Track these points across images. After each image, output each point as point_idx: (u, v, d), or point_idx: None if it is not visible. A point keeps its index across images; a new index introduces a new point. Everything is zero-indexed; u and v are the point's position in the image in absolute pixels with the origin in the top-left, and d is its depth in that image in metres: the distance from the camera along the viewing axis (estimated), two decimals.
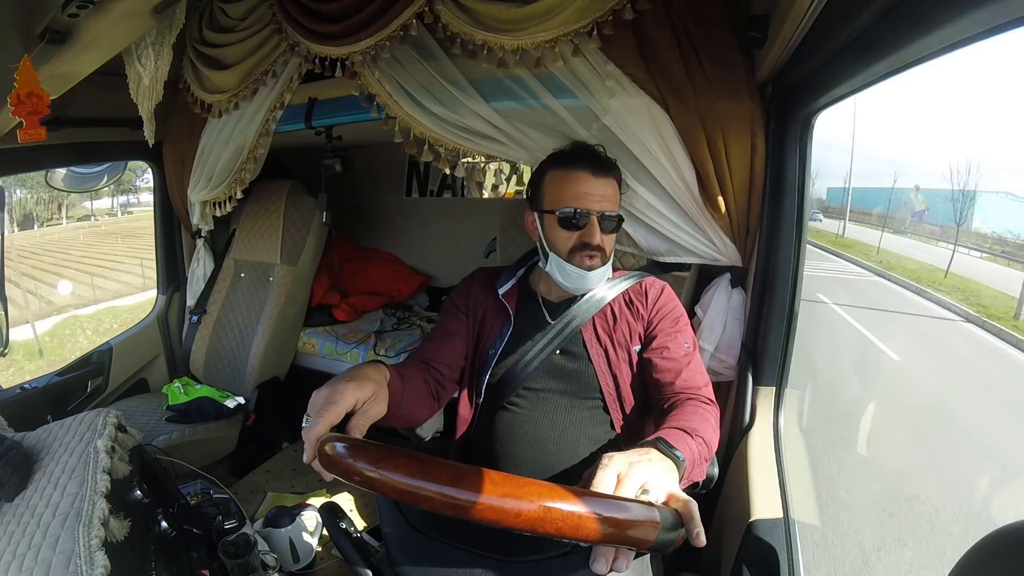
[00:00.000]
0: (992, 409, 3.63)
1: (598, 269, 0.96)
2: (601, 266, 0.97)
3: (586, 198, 0.94)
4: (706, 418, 0.83)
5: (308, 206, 2.05)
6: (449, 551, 0.75)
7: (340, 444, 0.56)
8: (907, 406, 3.75)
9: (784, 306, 1.10)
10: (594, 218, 0.94)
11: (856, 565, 2.17)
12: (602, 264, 0.97)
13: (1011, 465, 2.94)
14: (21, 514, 0.81)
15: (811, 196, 1.11)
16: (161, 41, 1.32)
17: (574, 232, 0.95)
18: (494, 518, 0.49)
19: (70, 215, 18.23)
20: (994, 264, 7.14)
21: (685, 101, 1.09)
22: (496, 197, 2.72)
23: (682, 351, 0.95)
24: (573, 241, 0.95)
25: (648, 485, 0.55)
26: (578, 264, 0.96)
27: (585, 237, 0.94)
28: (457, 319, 1.06)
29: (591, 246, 0.94)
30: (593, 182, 0.95)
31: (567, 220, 0.95)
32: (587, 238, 0.94)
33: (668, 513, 0.51)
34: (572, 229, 0.95)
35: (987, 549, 0.39)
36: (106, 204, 19.36)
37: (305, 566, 1.41)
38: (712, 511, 1.11)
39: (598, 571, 0.53)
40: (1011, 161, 28.32)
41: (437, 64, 1.23)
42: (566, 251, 0.96)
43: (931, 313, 5.91)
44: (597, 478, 0.56)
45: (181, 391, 1.91)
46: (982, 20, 0.48)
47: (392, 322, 2.36)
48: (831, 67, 0.82)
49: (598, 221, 0.94)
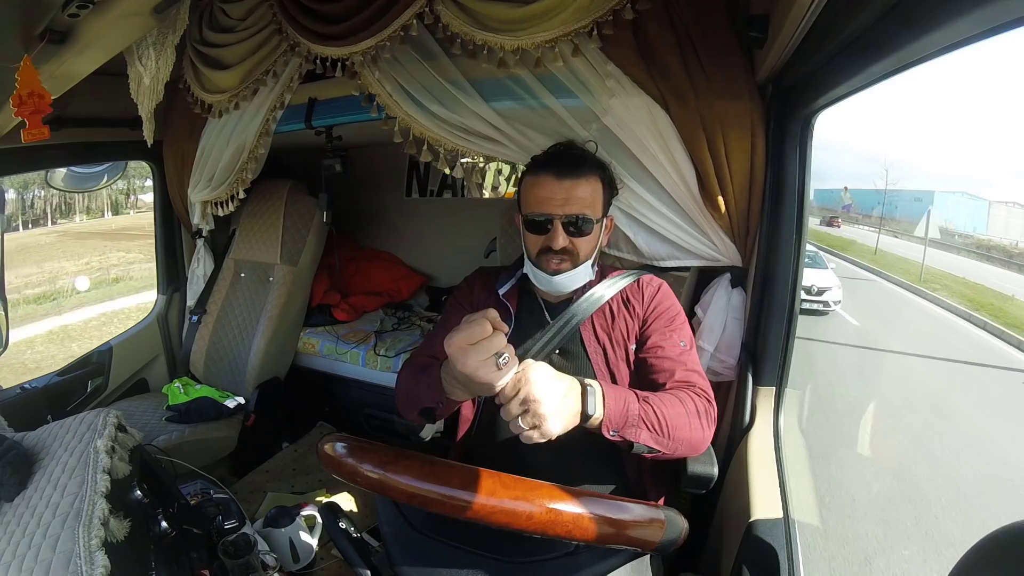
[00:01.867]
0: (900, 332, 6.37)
1: (565, 273, 0.97)
2: (572, 269, 0.97)
3: (548, 202, 0.95)
4: (683, 401, 0.84)
5: (308, 206, 2.05)
6: (449, 551, 0.75)
7: (342, 445, 0.55)
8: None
9: (784, 306, 1.10)
10: (557, 222, 0.95)
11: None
12: (573, 267, 0.97)
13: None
14: (21, 514, 0.81)
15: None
16: (163, 41, 1.32)
17: (540, 236, 0.97)
18: (505, 521, 0.49)
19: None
20: (908, 242, 9.49)
21: (685, 101, 1.09)
22: (496, 197, 2.72)
23: (677, 350, 0.95)
24: (540, 244, 0.97)
25: (529, 391, 0.61)
26: (544, 267, 0.97)
27: (548, 241, 0.96)
28: (462, 316, 1.06)
29: (554, 250, 0.96)
30: (556, 186, 0.95)
31: (532, 224, 0.97)
32: (549, 242, 0.96)
33: (672, 514, 0.51)
34: (538, 233, 0.97)
35: (987, 549, 0.39)
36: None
37: (305, 566, 1.41)
38: (712, 511, 1.11)
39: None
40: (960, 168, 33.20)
41: (437, 64, 1.23)
42: (535, 254, 0.98)
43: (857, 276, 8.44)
44: (499, 374, 0.60)
45: (181, 391, 1.91)
46: (982, 20, 0.48)
47: (392, 322, 2.36)
48: (831, 67, 0.82)
49: (561, 225, 0.95)
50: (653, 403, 0.81)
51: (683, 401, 0.85)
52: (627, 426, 0.78)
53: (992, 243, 7.99)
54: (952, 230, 8.79)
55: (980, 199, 10.28)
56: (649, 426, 0.79)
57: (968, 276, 7.29)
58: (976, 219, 8.89)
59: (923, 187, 11.24)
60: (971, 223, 8.93)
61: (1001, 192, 12.37)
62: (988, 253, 7.91)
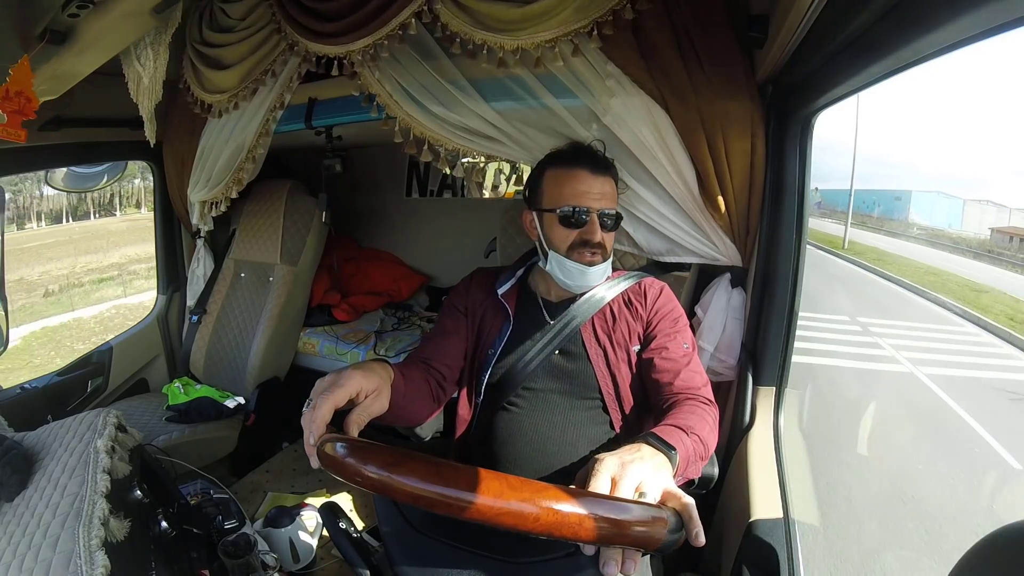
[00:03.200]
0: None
1: (599, 265, 0.97)
2: (602, 262, 0.98)
3: (586, 196, 0.95)
4: (703, 417, 0.83)
5: (308, 206, 2.05)
6: (449, 551, 0.75)
7: (342, 445, 0.55)
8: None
9: (784, 306, 1.10)
10: (595, 215, 0.95)
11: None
12: (603, 260, 0.98)
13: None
14: (21, 514, 0.81)
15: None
16: (159, 40, 1.32)
17: (574, 230, 0.96)
18: (513, 523, 0.49)
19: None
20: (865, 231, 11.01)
21: (685, 101, 1.09)
22: (496, 197, 2.72)
23: (681, 351, 0.96)
24: (573, 238, 0.96)
25: (644, 486, 0.54)
26: (578, 260, 0.96)
27: (586, 235, 0.95)
28: (456, 319, 1.06)
29: (592, 243, 0.95)
30: (592, 180, 0.96)
31: (567, 218, 0.95)
32: (588, 235, 0.95)
33: (673, 514, 0.51)
34: (572, 227, 0.96)
35: (987, 550, 0.39)
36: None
37: (305, 566, 1.41)
38: (712, 511, 1.11)
39: (610, 574, 0.50)
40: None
41: (437, 64, 1.23)
42: (565, 248, 0.97)
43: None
44: (592, 483, 0.54)
45: (181, 391, 1.91)
46: (982, 20, 0.48)
47: (392, 322, 2.36)
48: (831, 67, 0.82)
49: (599, 219, 0.95)
50: (695, 431, 0.78)
51: (704, 417, 0.83)
52: (689, 467, 0.75)
53: (943, 233, 9.12)
54: (924, 225, 9.83)
55: (955, 198, 11.02)
56: (698, 456, 0.77)
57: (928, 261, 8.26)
58: (952, 216, 9.55)
59: (897, 186, 12.17)
60: (947, 220, 9.66)
61: (974, 191, 13.59)
62: (938, 242, 9.04)
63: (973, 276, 6.78)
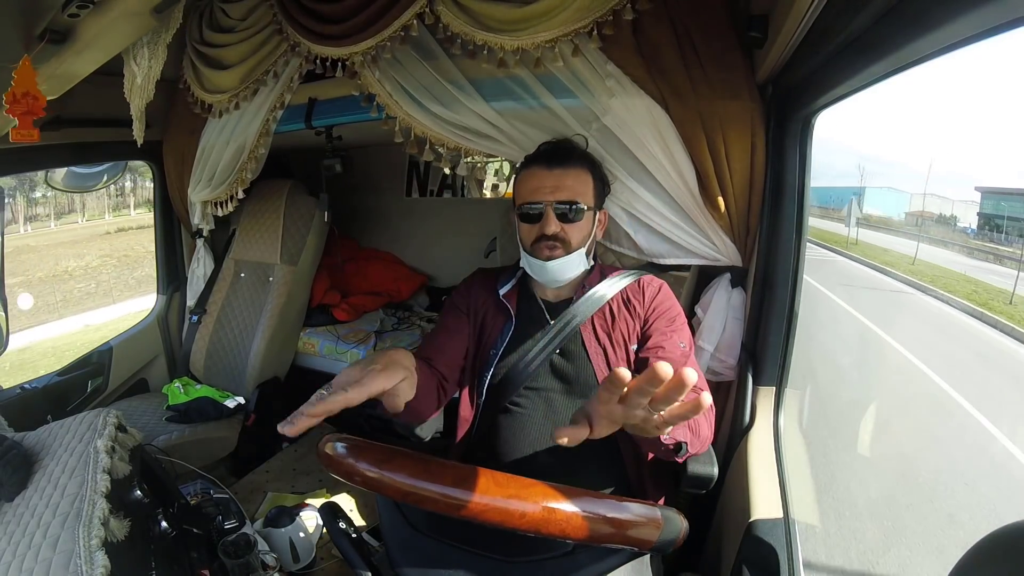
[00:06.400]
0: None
1: (559, 260, 0.99)
2: (565, 256, 0.99)
3: (539, 191, 0.98)
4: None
5: (308, 206, 2.05)
6: (450, 552, 0.75)
7: (341, 444, 0.55)
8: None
9: (784, 306, 1.10)
10: (548, 208, 0.98)
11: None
12: (566, 254, 0.99)
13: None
14: (21, 514, 0.81)
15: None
16: (156, 40, 1.32)
17: (533, 225, 0.99)
18: (498, 519, 0.49)
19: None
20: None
21: (685, 101, 1.09)
22: (496, 197, 2.72)
23: (677, 351, 0.95)
24: (534, 233, 0.99)
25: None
26: (538, 255, 0.99)
27: (541, 228, 0.98)
28: (458, 318, 1.07)
29: (547, 236, 0.98)
30: (546, 175, 0.99)
31: (525, 215, 1.00)
32: (542, 229, 0.98)
33: (671, 514, 0.51)
34: (531, 222, 1.00)
35: (987, 549, 0.39)
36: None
37: (305, 566, 1.41)
38: (712, 511, 1.11)
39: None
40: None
41: (437, 64, 1.23)
42: (529, 245, 1.01)
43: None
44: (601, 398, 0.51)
45: (181, 391, 1.91)
46: (982, 20, 0.48)
47: (392, 322, 2.36)
48: (831, 67, 0.82)
49: (553, 210, 0.97)
50: None
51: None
52: (677, 430, 0.75)
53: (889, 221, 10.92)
54: (877, 216, 11.39)
55: (903, 192, 12.51)
56: (686, 426, 0.78)
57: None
58: (899, 207, 11.11)
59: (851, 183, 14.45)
60: (896, 210, 11.30)
61: (920, 186, 15.33)
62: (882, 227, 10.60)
63: (883, 244, 8.96)
